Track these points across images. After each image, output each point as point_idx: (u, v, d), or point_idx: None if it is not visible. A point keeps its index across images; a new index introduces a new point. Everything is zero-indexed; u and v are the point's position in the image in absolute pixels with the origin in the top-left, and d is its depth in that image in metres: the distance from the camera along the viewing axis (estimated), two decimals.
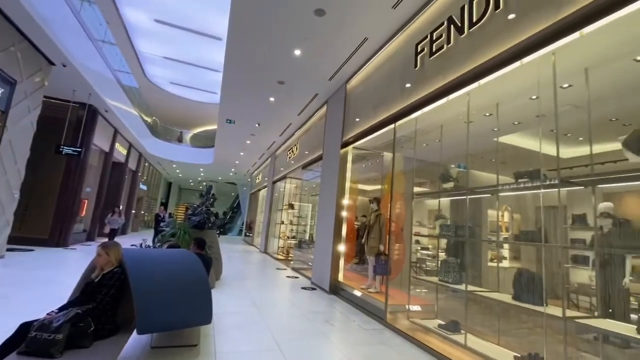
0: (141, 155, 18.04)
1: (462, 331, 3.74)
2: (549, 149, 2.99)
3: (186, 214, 8.07)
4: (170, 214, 19.52)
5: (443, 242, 5.77)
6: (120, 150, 14.25)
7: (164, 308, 2.55)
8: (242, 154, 15.70)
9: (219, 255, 6.86)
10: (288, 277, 8.05)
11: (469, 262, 4.19)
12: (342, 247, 6.48)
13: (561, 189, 2.89)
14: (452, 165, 4.72)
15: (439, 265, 4.39)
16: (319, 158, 8.06)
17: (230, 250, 13.35)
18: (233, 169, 20.85)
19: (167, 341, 3.09)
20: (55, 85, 8.34)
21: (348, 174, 6.71)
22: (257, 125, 10.85)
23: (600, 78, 3.08)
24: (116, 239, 9.36)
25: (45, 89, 7.54)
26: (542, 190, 3.10)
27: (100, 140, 11.55)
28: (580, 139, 3.90)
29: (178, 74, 17.05)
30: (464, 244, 4.48)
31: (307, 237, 12.11)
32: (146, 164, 20.53)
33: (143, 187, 20.63)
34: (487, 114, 4.24)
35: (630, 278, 3.65)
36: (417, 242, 8.56)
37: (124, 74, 13.19)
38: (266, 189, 15.57)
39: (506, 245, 6.55)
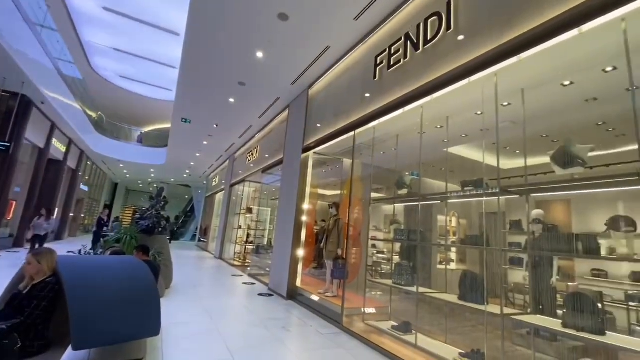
0: (83, 152, 16.50)
1: (413, 331, 3.92)
2: (491, 160, 3.28)
3: (134, 217, 7.49)
4: (117, 217, 18.01)
5: (397, 245, 6.04)
6: (58, 146, 12.91)
7: (104, 320, 2.33)
8: (198, 155, 15.04)
9: (169, 262, 6.47)
10: (244, 283, 7.83)
11: (421, 264, 4.43)
12: (301, 252, 6.46)
13: (500, 197, 3.18)
14: (407, 173, 4.97)
15: (393, 268, 4.57)
16: (280, 162, 8.00)
17: (183, 257, 12.66)
18: (188, 171, 19.88)
19: (108, 356, 2.84)
20: None
21: (308, 179, 6.75)
22: (215, 125, 10.49)
23: (534, 99, 3.46)
24: (46, 246, 8.39)
25: None
26: (485, 198, 3.39)
27: (34, 134, 10.36)
28: (517, 152, 4.33)
29: (129, 67, 15.94)
30: (416, 248, 4.72)
31: (265, 242, 11.91)
32: (89, 163, 18.80)
33: (84, 187, 18.85)
34: (439, 126, 4.55)
35: (557, 278, 4.11)
36: (374, 246, 8.84)
37: (65, 63, 12.02)
38: (223, 192, 15.06)
39: (454, 249, 7.03)
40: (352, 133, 5.18)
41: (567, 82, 3.41)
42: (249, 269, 9.92)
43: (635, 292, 4.57)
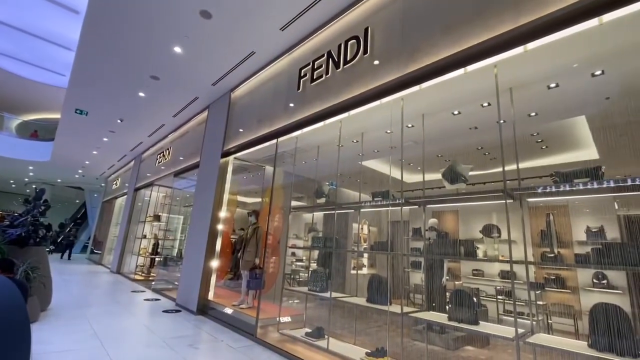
0: None
1: (326, 336, 4.06)
2: (397, 174, 3.67)
3: (1, 224, 6.02)
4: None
5: (316, 253, 6.21)
6: None
7: None
8: (95, 152, 13.02)
9: (47, 278, 5.38)
10: (147, 300, 6.99)
11: (335, 270, 4.65)
12: (215, 263, 6.10)
13: (404, 207, 3.58)
14: (326, 183, 5.19)
15: (309, 276, 4.68)
16: (196, 166, 7.49)
17: (69, 272, 10.68)
18: (81, 171, 16.99)
19: None
20: None
21: (227, 185, 6.47)
22: (119, 121, 9.26)
23: (432, 123, 4.03)
24: None
25: None
26: (391, 208, 3.76)
27: None
28: (418, 168, 4.94)
29: (9, 43, 12.99)
30: (331, 255, 4.93)
31: (174, 253, 10.90)
32: None
33: None
34: (355, 141, 4.90)
35: (447, 278, 4.78)
36: (293, 254, 8.90)
37: None
38: (126, 196, 13.30)
39: (365, 254, 7.56)
40: (274, 141, 5.18)
41: (456, 112, 4.06)
42: (153, 283, 8.90)
43: (503, 287, 5.60)
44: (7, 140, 15.49)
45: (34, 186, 16.44)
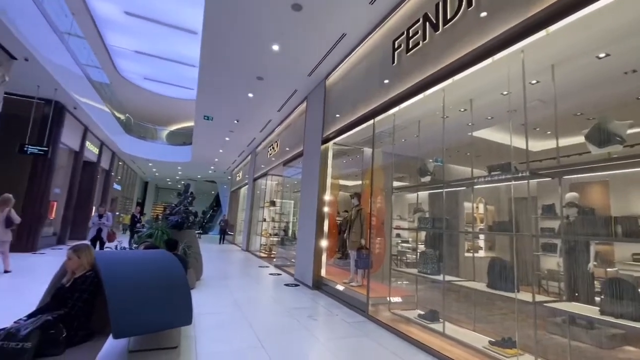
0: (114, 154, 17.33)
1: (441, 320, 3.87)
2: (520, 142, 3.12)
3: (164, 213, 7.82)
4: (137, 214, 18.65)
5: (423, 234, 5.93)
6: (92, 149, 13.63)
7: (140, 310, 2.47)
8: (221, 151, 15.40)
9: (198, 255, 6.73)
10: (271, 274, 8.02)
11: (447, 253, 4.33)
12: (324, 243, 6.51)
13: (530, 181, 3.03)
14: (430, 160, 4.84)
15: (418, 257, 4.51)
16: (300, 154, 8.04)
17: (211, 250, 13.13)
18: (212, 167, 20.43)
19: (145, 344, 3.01)
20: (18, 80, 7.84)
21: (329, 170, 6.74)
22: (235, 121, 10.66)
23: (566, 74, 3.24)
24: (84, 242, 8.91)
25: (6, 84, 7.06)
26: (513, 182, 3.24)
27: (69, 138, 10.99)
28: (548, 132, 4.09)
29: (152, 69, 16.45)
30: (441, 236, 4.61)
31: (289, 234, 12.09)
32: (120, 163, 19.75)
33: (117, 187, 19.86)
34: (462, 109, 4.37)
35: (594, 263, 3.89)
36: (398, 235, 8.75)
37: (93, 68, 12.58)
38: (247, 186, 15.37)
39: (482, 236, 6.81)
40: (371, 121, 5.09)
41: (602, 54, 3.16)
42: (274, 260, 10.14)
43: None
44: (161, 147, 19.83)
45: (182, 182, 20.64)
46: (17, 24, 6.32)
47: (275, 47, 5.88)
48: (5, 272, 6.17)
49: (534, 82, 3.36)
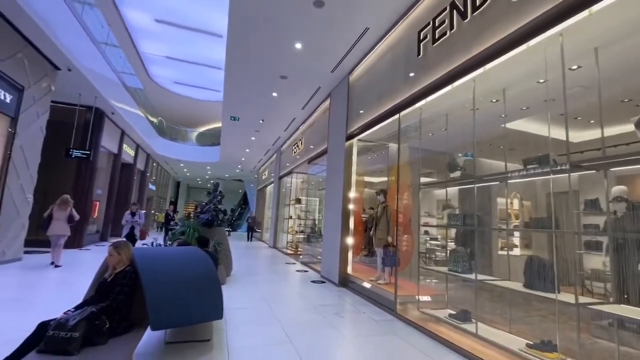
0: (149, 155, 18.24)
1: (473, 320, 3.73)
2: (559, 133, 2.91)
3: (195, 212, 8.12)
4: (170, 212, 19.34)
5: (452, 231, 5.73)
6: (128, 151, 14.42)
7: (176, 304, 2.59)
8: (247, 150, 15.75)
9: (228, 251, 6.93)
10: (297, 271, 8.11)
11: (479, 251, 4.15)
12: (350, 240, 6.48)
13: (571, 174, 2.82)
14: (459, 154, 4.66)
15: (448, 255, 4.37)
16: (324, 152, 8.04)
17: (240, 247, 13.49)
18: (239, 166, 20.96)
19: (180, 336, 3.15)
20: (62, 89, 8.44)
21: (354, 167, 6.69)
22: (261, 121, 10.85)
23: (611, 57, 2.98)
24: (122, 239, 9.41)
25: (52, 93, 7.64)
26: (552, 176, 3.03)
27: (108, 142, 11.70)
28: (592, 121, 3.80)
29: (181, 73, 17.12)
30: (473, 233, 4.44)
31: (315, 231, 12.16)
32: (154, 164, 20.76)
33: (152, 187, 20.90)
34: (494, 100, 4.16)
35: None
36: (426, 232, 8.51)
37: (128, 75, 13.28)
38: (273, 184, 15.63)
39: (517, 233, 6.47)
40: (396, 116, 4.98)
41: None
42: (301, 257, 10.25)
43: None
44: (191, 148, 20.62)
45: (211, 181, 21.37)
46: (60, 37, 6.80)
47: (298, 45, 5.90)
48: (56, 266, 6.71)
49: (574, 67, 3.12)
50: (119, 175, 13.46)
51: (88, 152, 9.37)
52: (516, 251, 6.41)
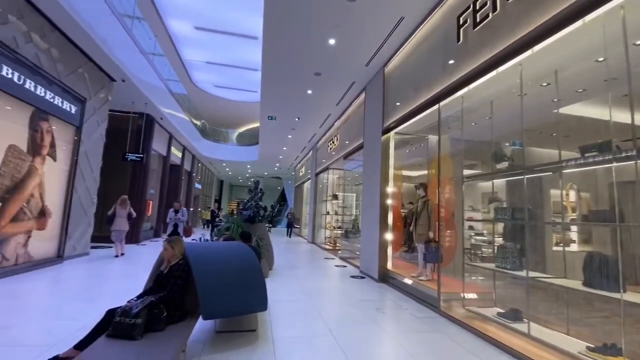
0: (194, 156, 19.37)
1: (525, 320, 3.51)
2: (622, 116, 2.62)
3: (238, 208, 8.50)
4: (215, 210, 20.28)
5: (500, 226, 5.41)
6: (176, 153, 15.45)
7: (224, 296, 2.76)
8: (284, 148, 16.10)
9: (270, 246, 7.18)
10: (336, 266, 8.17)
11: (530, 246, 3.88)
12: (389, 236, 6.39)
13: (639, 161, 2.53)
14: (506, 144, 4.37)
15: (496, 251, 4.14)
16: (360, 147, 7.97)
17: (280, 242, 13.88)
18: (277, 164, 21.50)
19: (229, 326, 3.35)
20: (117, 99, 9.25)
21: (391, 161, 6.56)
22: (297, 119, 11.02)
23: None
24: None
25: (109, 103, 8.42)
26: (615, 164, 2.74)
27: (158, 145, 12.63)
28: None
29: (221, 76, 17.90)
30: (523, 228, 4.16)
31: (352, 227, 12.15)
32: (199, 165, 22.01)
33: (198, 186, 22.19)
34: (544, 84, 3.85)
35: None
36: (471, 227, 8.11)
37: (173, 82, 14.19)
38: (310, 181, 15.83)
39: (574, 228, 5.94)
40: (436, 106, 4.80)
41: None
42: (339, 252, 10.31)
43: None
44: (232, 149, 21.55)
45: (252, 179, 22.19)
46: (115, 52, 7.45)
47: (332, 41, 5.89)
48: (118, 255, 7.73)
49: (639, 42, 2.78)
50: (168, 176, 14.48)
51: (141, 156, 10.20)
52: (573, 247, 5.89)
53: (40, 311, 3.80)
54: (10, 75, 5.09)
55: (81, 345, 2.36)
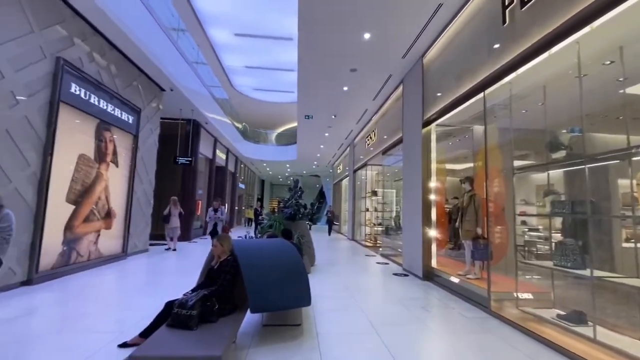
0: (237, 158, 20.26)
1: (590, 323, 3.20)
2: None
3: (279, 207, 8.76)
4: (258, 208, 20.76)
5: (558, 221, 4.98)
6: (220, 155, 16.28)
7: (270, 290, 2.88)
8: (322, 146, 16.21)
9: (311, 243, 7.30)
10: (378, 263, 8.08)
11: (595, 243, 3.52)
12: (433, 232, 6.18)
13: None
14: (563, 131, 4.00)
15: (554, 248, 3.82)
16: (399, 141, 7.78)
17: (321, 239, 14.03)
18: (315, 162, 21.72)
19: (275, 320, 3.48)
20: (166, 107, 9.98)
21: (433, 154, 6.32)
22: (333, 117, 11.04)
23: None
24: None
25: (160, 112, 9.12)
26: None
27: (204, 149, 13.41)
28: None
29: (259, 79, 18.49)
30: (585, 222, 3.79)
31: (393, 224, 11.90)
32: (242, 165, 22.98)
33: (241, 186, 23.19)
34: (607, 62, 3.46)
35: None
36: (524, 222, 7.55)
37: (215, 88, 14.95)
38: (348, 178, 15.77)
39: None
40: (481, 94, 4.54)
41: None
42: (380, 249, 10.17)
43: None
44: (272, 149, 22.21)
45: (291, 178, 22.67)
46: (164, 64, 8.04)
47: (367, 35, 5.81)
48: (168, 249, 8.56)
49: None
50: (214, 177, 15.32)
51: (190, 159, 10.92)
52: None
53: (112, 302, 4.26)
54: (78, 92, 5.72)
55: (145, 333, 2.62)
